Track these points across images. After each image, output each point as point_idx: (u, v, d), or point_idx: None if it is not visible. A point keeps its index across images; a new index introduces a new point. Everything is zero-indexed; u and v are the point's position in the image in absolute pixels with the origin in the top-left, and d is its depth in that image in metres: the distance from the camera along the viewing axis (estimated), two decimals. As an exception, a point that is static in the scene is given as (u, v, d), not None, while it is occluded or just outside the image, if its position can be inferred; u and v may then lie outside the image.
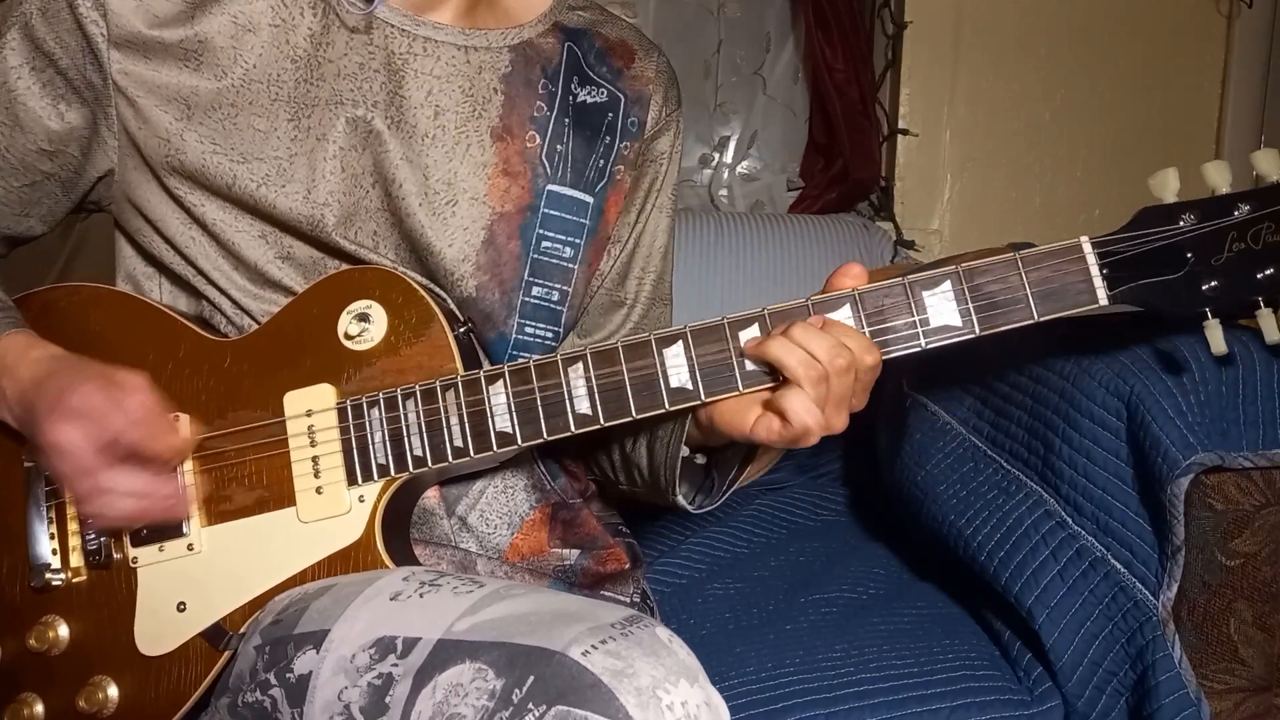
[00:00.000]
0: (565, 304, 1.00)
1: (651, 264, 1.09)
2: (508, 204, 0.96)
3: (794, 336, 0.80)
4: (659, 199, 1.08)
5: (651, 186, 1.06)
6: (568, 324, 1.01)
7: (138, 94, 0.91)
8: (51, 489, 0.93)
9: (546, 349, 1.00)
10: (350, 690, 0.73)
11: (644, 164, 1.05)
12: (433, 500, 0.97)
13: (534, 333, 0.99)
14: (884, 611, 1.24)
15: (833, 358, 0.79)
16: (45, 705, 0.89)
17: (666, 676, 0.67)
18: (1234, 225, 0.80)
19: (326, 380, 0.89)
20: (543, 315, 0.99)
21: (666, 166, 1.07)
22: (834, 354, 0.79)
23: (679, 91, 1.08)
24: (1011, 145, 2.44)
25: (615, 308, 1.08)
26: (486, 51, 0.97)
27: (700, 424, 0.89)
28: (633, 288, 1.08)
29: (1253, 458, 0.93)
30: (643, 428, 0.97)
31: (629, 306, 1.08)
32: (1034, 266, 0.82)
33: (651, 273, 1.09)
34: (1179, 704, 0.92)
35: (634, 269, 1.08)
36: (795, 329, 0.80)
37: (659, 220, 1.08)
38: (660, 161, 1.06)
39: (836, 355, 0.79)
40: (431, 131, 0.94)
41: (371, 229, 0.95)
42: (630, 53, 1.05)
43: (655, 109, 1.04)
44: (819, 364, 0.79)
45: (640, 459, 0.99)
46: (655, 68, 1.06)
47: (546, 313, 0.99)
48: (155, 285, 1.02)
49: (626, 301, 1.08)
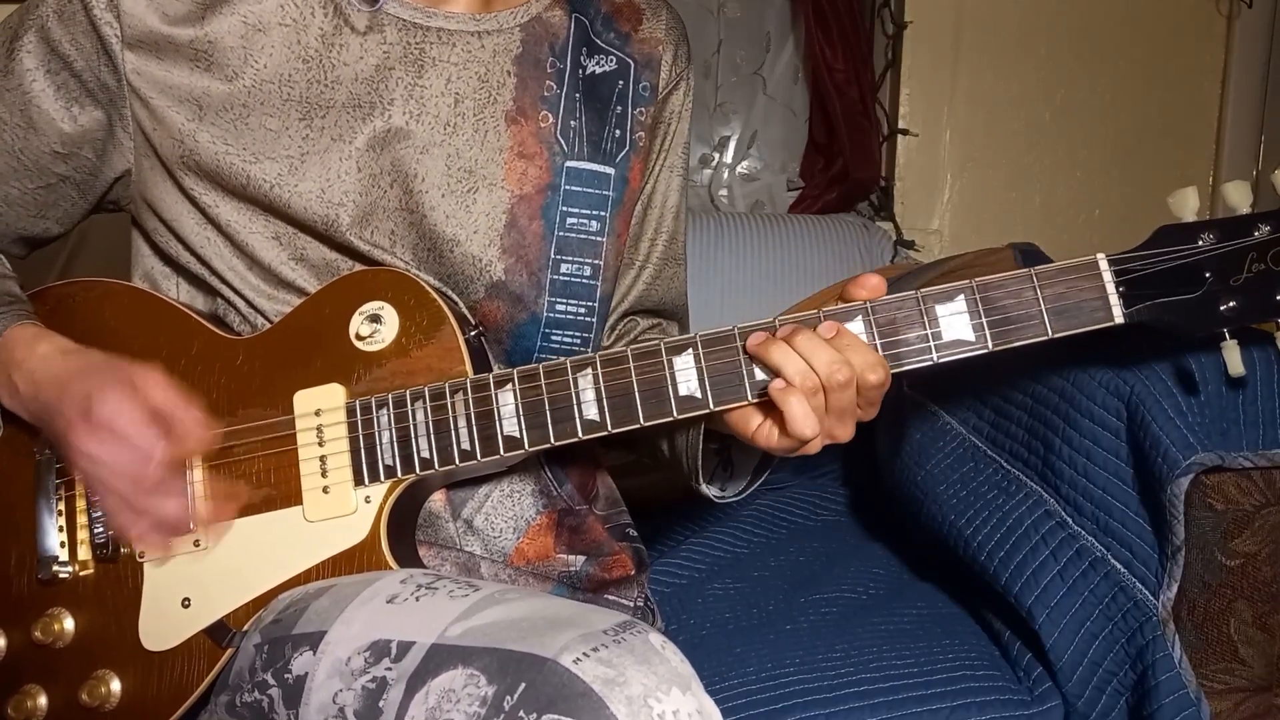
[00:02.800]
0: (599, 277, 1.00)
1: (664, 224, 1.08)
2: (526, 186, 0.96)
3: (797, 344, 0.79)
4: (669, 158, 1.07)
5: (662, 145, 1.06)
6: (603, 297, 1.01)
7: (151, 94, 0.92)
8: (61, 482, 0.93)
9: (581, 325, 0.99)
10: (345, 693, 0.73)
11: (656, 124, 1.05)
12: (439, 503, 0.97)
13: (566, 310, 0.99)
14: (884, 611, 1.24)
15: (831, 372, 0.78)
16: (48, 698, 0.90)
17: (658, 685, 0.67)
18: (1254, 245, 0.80)
19: (336, 380, 0.90)
20: (575, 291, 0.99)
21: (676, 125, 1.07)
22: (833, 368, 0.78)
23: (689, 47, 1.07)
24: (1011, 145, 2.44)
25: (627, 269, 1.07)
26: (499, 34, 0.97)
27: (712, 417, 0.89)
28: (645, 248, 1.08)
29: (1253, 458, 0.93)
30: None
31: (639, 267, 1.08)
32: (1049, 282, 0.81)
33: (664, 233, 1.08)
34: (1179, 704, 0.93)
35: (646, 229, 1.08)
36: (800, 337, 0.79)
37: (670, 179, 1.08)
38: (670, 120, 1.06)
39: (836, 370, 0.78)
40: (452, 121, 0.95)
41: (389, 228, 0.95)
42: (638, 13, 1.05)
43: (666, 69, 1.04)
44: (815, 375, 0.78)
45: (662, 442, 1.00)
46: (665, 26, 1.05)
47: (579, 288, 0.99)
48: (173, 285, 1.02)
49: (638, 261, 1.08)
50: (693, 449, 0.94)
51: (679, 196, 1.09)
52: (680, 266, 1.12)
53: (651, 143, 1.05)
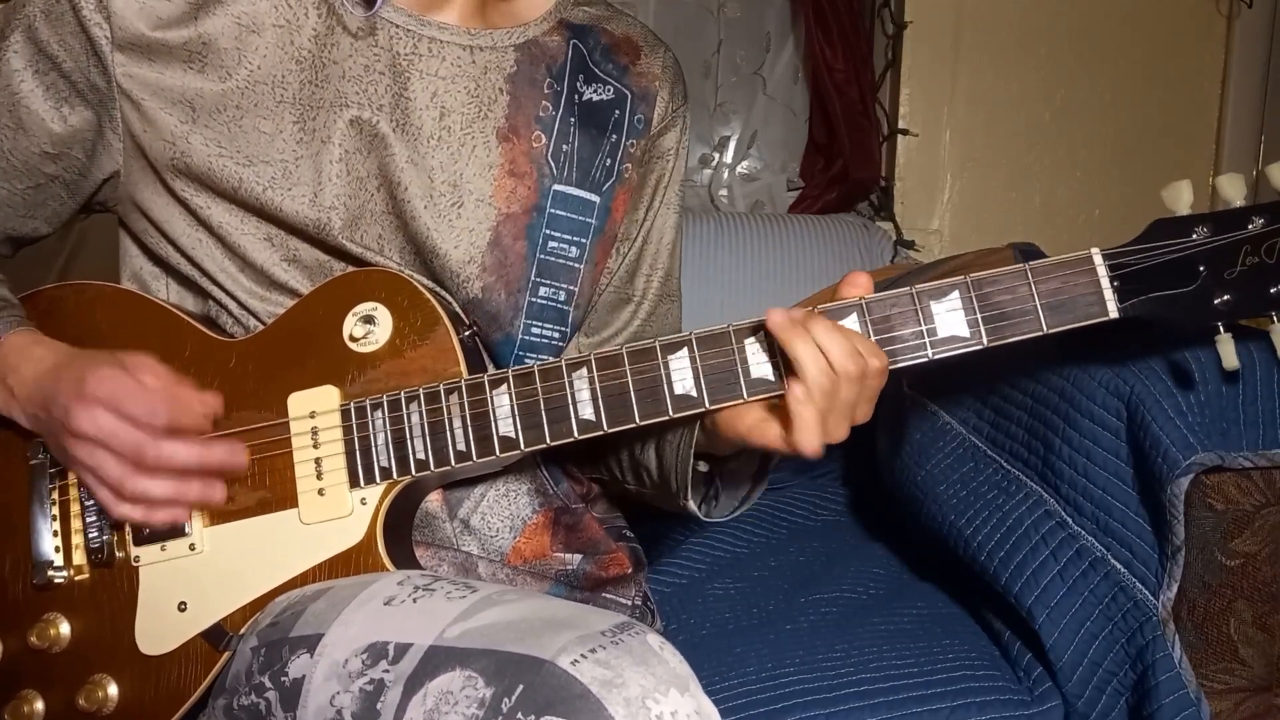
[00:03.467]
0: (572, 303, 1.00)
1: (660, 261, 1.09)
2: (514, 205, 0.96)
3: (816, 334, 0.78)
4: (666, 195, 1.07)
5: (659, 183, 1.06)
6: (575, 323, 1.01)
7: (142, 96, 0.91)
8: (55, 486, 0.93)
9: (554, 350, 1.00)
10: (342, 695, 0.73)
11: (650, 160, 1.05)
12: (435, 504, 0.97)
13: (540, 333, 0.99)
14: (884, 611, 1.24)
15: (846, 363, 0.77)
16: (45, 703, 0.90)
17: (656, 686, 0.67)
18: (1248, 238, 0.79)
19: (331, 382, 0.90)
20: (550, 315, 0.99)
21: (673, 162, 1.07)
22: (847, 360, 0.77)
23: (685, 87, 1.08)
24: (1011, 145, 2.44)
25: (622, 304, 1.08)
26: (492, 51, 0.97)
27: (704, 425, 0.89)
28: (641, 284, 1.08)
29: (1253, 458, 0.93)
30: (651, 431, 0.96)
31: (636, 303, 1.08)
32: (1044, 277, 0.81)
33: (660, 269, 1.09)
34: (1179, 704, 0.92)
35: (642, 266, 1.08)
36: (818, 326, 0.78)
37: (666, 217, 1.08)
38: (667, 158, 1.06)
39: (849, 361, 0.77)
40: (437, 133, 0.94)
41: (376, 232, 0.95)
42: (636, 49, 1.05)
43: (661, 105, 1.04)
44: (834, 373, 0.77)
45: (649, 461, 0.99)
46: (661, 64, 1.05)
47: (554, 313, 0.99)
48: (163, 285, 1.02)
49: (634, 298, 1.08)
50: (683, 464, 0.93)
51: (674, 234, 1.10)
52: (675, 303, 1.12)
53: (645, 179, 1.05)
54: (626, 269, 1.07)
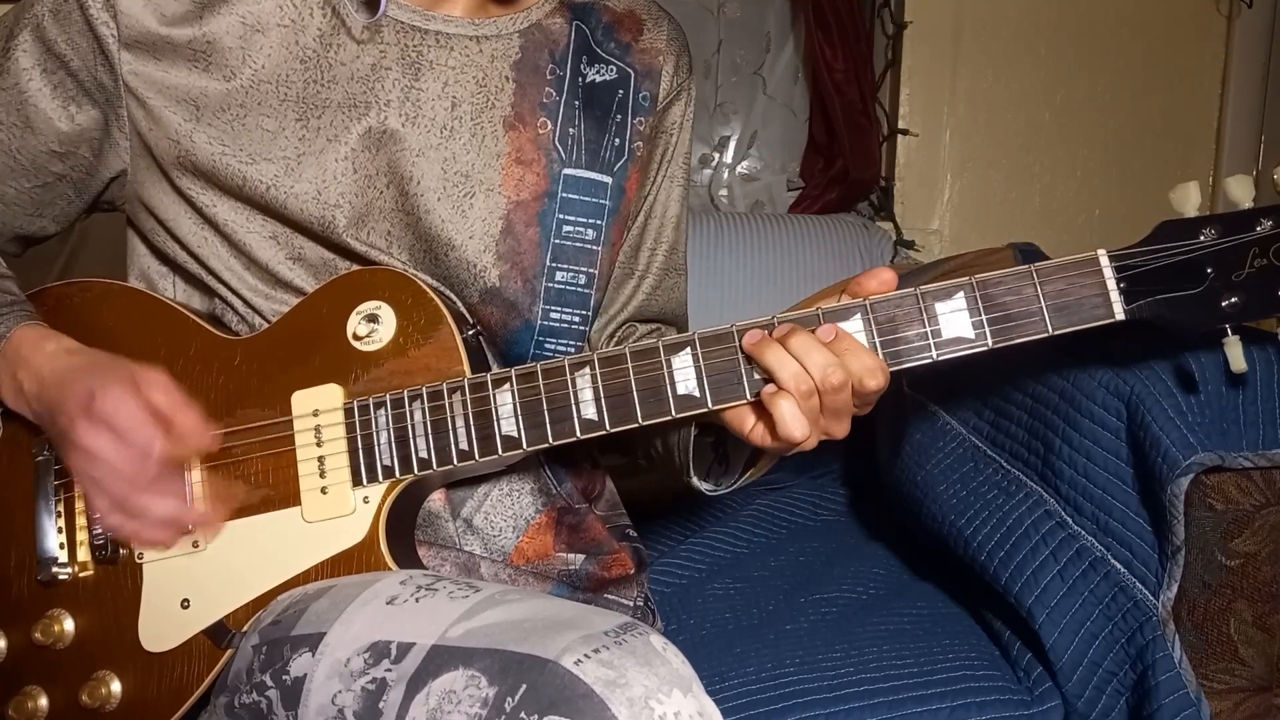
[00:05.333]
0: (593, 286, 1.00)
1: (664, 234, 1.09)
2: (523, 192, 0.96)
3: (792, 347, 0.79)
4: (670, 169, 1.07)
5: (663, 157, 1.06)
6: (596, 306, 1.01)
7: (148, 95, 0.91)
8: (60, 483, 0.93)
9: (575, 334, 0.99)
10: (344, 694, 0.73)
11: (656, 135, 1.05)
12: (438, 503, 0.97)
13: (560, 318, 0.98)
14: (884, 611, 1.24)
15: (826, 376, 0.77)
16: (49, 699, 0.90)
17: (659, 686, 0.67)
18: (1256, 240, 0.79)
19: (334, 380, 0.90)
20: (569, 299, 0.99)
21: (678, 135, 1.07)
22: (828, 372, 0.77)
23: (690, 58, 1.07)
24: (1011, 145, 2.44)
25: (626, 280, 1.08)
26: (497, 39, 0.97)
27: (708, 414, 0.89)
28: (644, 259, 1.08)
29: (1253, 458, 0.93)
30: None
31: (639, 276, 1.08)
32: (1049, 279, 0.80)
33: (664, 243, 1.09)
34: (1179, 704, 0.92)
35: (646, 240, 1.08)
36: (795, 339, 0.79)
37: (670, 190, 1.08)
38: (671, 131, 1.06)
39: (831, 373, 0.77)
40: (450, 124, 0.94)
41: (385, 229, 0.95)
42: (639, 24, 1.04)
43: (666, 79, 1.04)
44: (810, 379, 0.78)
45: (655, 439, 0.99)
46: (665, 37, 1.05)
47: (573, 296, 0.99)
48: (170, 284, 1.02)
49: (638, 272, 1.08)
50: (684, 443, 0.94)
51: (680, 207, 1.09)
52: (681, 276, 1.12)
53: (651, 153, 1.05)
54: (630, 244, 1.07)
